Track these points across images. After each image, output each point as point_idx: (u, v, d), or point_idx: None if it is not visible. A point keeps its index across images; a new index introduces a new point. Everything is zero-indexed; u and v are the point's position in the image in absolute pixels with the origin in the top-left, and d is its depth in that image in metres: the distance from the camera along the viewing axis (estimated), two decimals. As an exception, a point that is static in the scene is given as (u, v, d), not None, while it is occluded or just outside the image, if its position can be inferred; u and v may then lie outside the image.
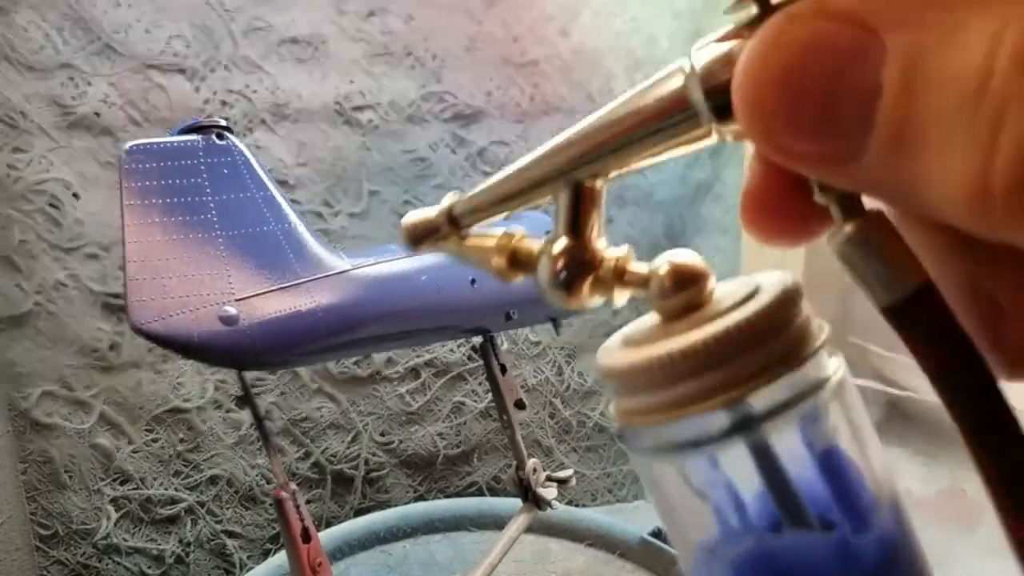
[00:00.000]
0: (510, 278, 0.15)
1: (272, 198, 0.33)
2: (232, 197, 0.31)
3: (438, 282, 0.36)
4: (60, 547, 0.57)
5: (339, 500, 0.65)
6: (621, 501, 0.76)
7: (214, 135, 0.32)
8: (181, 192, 0.31)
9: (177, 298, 0.29)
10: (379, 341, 0.38)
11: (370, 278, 0.34)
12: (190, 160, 0.31)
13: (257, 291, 0.30)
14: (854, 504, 0.12)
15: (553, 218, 0.13)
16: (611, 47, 0.69)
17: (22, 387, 0.54)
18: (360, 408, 0.64)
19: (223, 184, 0.31)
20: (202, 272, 0.30)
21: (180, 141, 0.31)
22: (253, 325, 0.29)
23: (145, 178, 0.31)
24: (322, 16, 0.59)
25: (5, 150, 0.52)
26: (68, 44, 0.52)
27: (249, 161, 0.33)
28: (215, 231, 0.30)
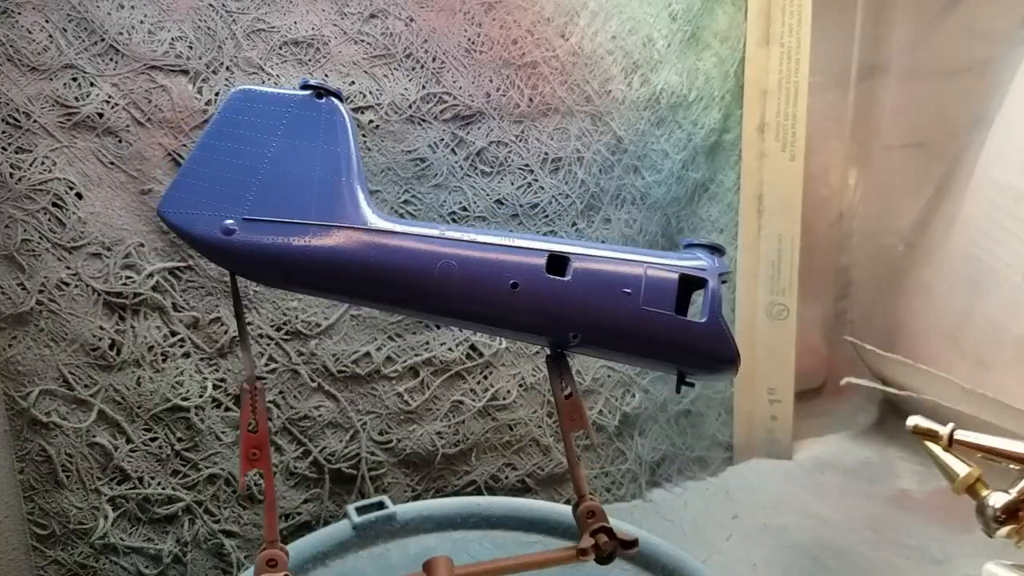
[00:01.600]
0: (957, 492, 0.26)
1: (333, 153, 0.36)
2: (296, 143, 0.36)
3: (461, 274, 0.34)
4: (57, 547, 0.57)
5: (337, 499, 0.65)
6: (620, 500, 0.76)
7: (314, 94, 0.37)
8: (256, 129, 0.36)
9: (199, 200, 0.34)
10: (374, 301, 0.37)
11: (374, 242, 0.34)
12: (280, 107, 0.36)
13: (263, 218, 0.34)
14: None
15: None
16: (609, 49, 0.70)
17: (21, 386, 0.55)
18: (359, 407, 0.65)
19: (295, 131, 0.36)
20: (229, 188, 0.34)
21: (279, 92, 0.37)
22: (244, 243, 0.34)
23: (235, 112, 0.36)
24: (323, 18, 0.59)
25: (9, 150, 0.53)
26: (71, 45, 0.53)
27: (332, 120, 0.37)
28: (262, 163, 0.35)
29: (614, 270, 0.36)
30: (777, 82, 0.81)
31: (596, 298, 0.35)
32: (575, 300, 0.35)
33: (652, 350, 0.37)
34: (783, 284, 0.84)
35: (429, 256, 0.35)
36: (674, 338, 0.36)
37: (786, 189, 0.83)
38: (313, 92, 0.37)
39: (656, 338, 0.36)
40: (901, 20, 0.93)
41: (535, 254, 0.35)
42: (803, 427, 0.91)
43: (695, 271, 0.37)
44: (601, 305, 0.35)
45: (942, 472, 0.47)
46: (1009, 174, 0.78)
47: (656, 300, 0.35)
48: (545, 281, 0.35)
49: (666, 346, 0.36)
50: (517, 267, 0.35)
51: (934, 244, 0.90)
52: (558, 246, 0.36)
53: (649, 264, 0.36)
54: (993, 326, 0.78)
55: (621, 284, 0.36)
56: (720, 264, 0.38)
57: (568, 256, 0.36)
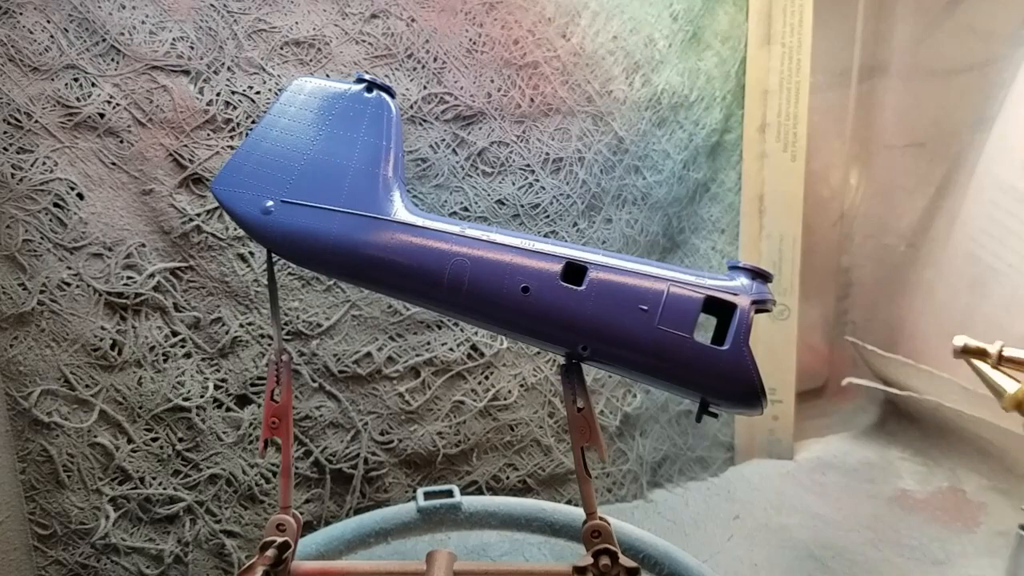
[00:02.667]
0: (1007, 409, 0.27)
1: (372, 145, 0.38)
2: (340, 133, 0.38)
3: (470, 272, 0.34)
4: (58, 547, 0.57)
5: (338, 499, 0.65)
6: (620, 501, 0.76)
7: (365, 89, 0.39)
8: (307, 118, 0.38)
9: (246, 180, 0.37)
10: (392, 291, 0.37)
11: (394, 233, 0.36)
12: (331, 99, 0.38)
13: (299, 201, 0.36)
14: None
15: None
16: (610, 49, 0.70)
17: (23, 386, 0.55)
18: (360, 407, 0.65)
19: (342, 121, 0.38)
20: (274, 172, 0.37)
21: (333, 84, 0.39)
22: (279, 224, 0.36)
23: (291, 100, 0.39)
24: (325, 18, 0.59)
25: (10, 150, 0.53)
26: (73, 46, 0.53)
27: (378, 114, 0.39)
28: (307, 150, 0.38)
29: (633, 284, 0.34)
30: (778, 82, 0.81)
31: (609, 312, 0.34)
32: (587, 311, 0.34)
33: (665, 373, 0.34)
34: (784, 284, 0.84)
35: (444, 252, 0.35)
36: (689, 363, 0.33)
37: (787, 189, 0.83)
38: (365, 86, 0.39)
39: (670, 361, 0.34)
40: (902, 20, 0.93)
41: (552, 260, 0.34)
42: (804, 427, 0.91)
43: (724, 293, 0.34)
44: (614, 319, 0.34)
45: (991, 390, 0.47)
46: (1010, 174, 0.78)
47: (674, 320, 0.33)
48: (558, 288, 0.34)
49: (680, 371, 0.34)
50: (530, 271, 0.34)
51: (935, 244, 0.90)
52: (580, 254, 0.35)
53: (674, 282, 0.34)
54: (994, 326, 0.78)
55: (638, 300, 0.34)
56: (758, 290, 0.34)
57: (586, 265, 0.34)
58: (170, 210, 0.57)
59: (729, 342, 0.33)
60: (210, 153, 0.57)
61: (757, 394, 0.34)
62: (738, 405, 0.35)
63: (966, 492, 0.80)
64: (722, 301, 0.34)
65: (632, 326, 0.34)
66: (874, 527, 0.73)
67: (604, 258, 0.35)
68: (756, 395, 0.34)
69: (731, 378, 0.33)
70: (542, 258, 0.35)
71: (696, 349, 0.33)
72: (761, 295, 0.34)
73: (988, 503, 0.76)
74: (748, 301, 0.34)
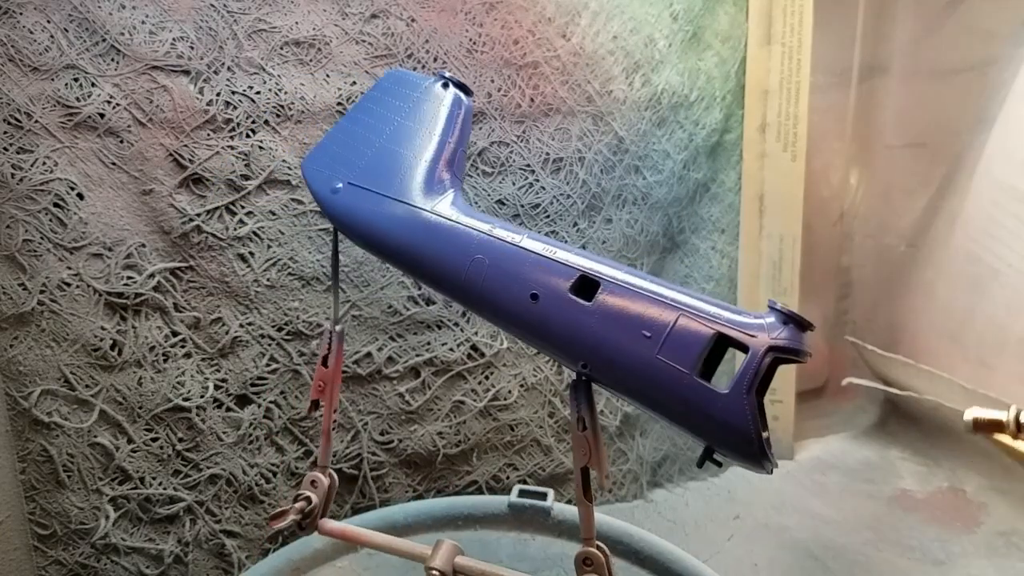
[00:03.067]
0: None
1: (432, 138, 0.40)
2: (409, 124, 0.40)
3: (487, 272, 0.35)
4: (58, 547, 0.57)
5: (338, 499, 0.65)
6: (621, 501, 0.76)
7: (440, 84, 0.40)
8: (388, 107, 0.41)
9: (327, 160, 0.40)
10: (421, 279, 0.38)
11: (427, 224, 0.37)
12: (410, 91, 0.41)
13: (360, 184, 0.39)
14: None
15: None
16: (610, 49, 0.70)
17: (23, 386, 0.55)
18: (360, 407, 0.65)
19: (413, 113, 0.40)
20: (349, 155, 0.40)
21: (416, 77, 0.41)
22: (341, 204, 0.39)
23: (380, 90, 0.42)
24: (325, 19, 0.59)
25: (10, 150, 0.53)
26: (73, 46, 0.53)
27: (447, 110, 0.40)
28: (380, 137, 0.40)
29: (641, 307, 0.31)
30: (778, 82, 0.81)
31: (611, 333, 0.32)
32: (589, 329, 0.32)
33: (661, 407, 0.31)
34: (784, 284, 0.84)
35: (468, 248, 0.35)
36: (686, 401, 0.30)
37: (787, 189, 0.83)
38: (441, 82, 0.40)
39: (665, 395, 0.31)
40: (903, 20, 0.93)
41: (567, 271, 0.33)
42: (804, 427, 0.91)
43: (739, 330, 0.29)
44: (614, 342, 0.31)
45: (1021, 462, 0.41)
46: (1011, 174, 0.78)
47: (676, 353, 0.30)
48: (565, 301, 0.32)
49: (676, 407, 0.31)
50: (541, 280, 0.33)
51: (935, 244, 0.90)
52: (599, 268, 0.33)
53: (688, 311, 0.30)
54: (995, 326, 0.78)
55: (642, 325, 0.31)
56: (787, 336, 0.29)
57: (599, 281, 0.32)
58: (170, 210, 0.57)
59: (731, 386, 0.29)
60: (210, 153, 0.57)
61: (754, 450, 0.29)
62: (736, 457, 0.31)
63: (966, 492, 0.80)
64: (734, 340, 0.30)
65: (631, 351, 0.31)
66: (874, 527, 0.73)
67: (623, 275, 0.32)
68: (752, 450, 0.29)
69: (726, 427, 0.29)
70: (557, 268, 0.33)
71: (693, 387, 0.30)
72: (788, 342, 0.30)
73: (988, 503, 0.76)
74: (765, 345, 0.29)
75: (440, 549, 0.38)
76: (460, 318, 0.67)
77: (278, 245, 0.60)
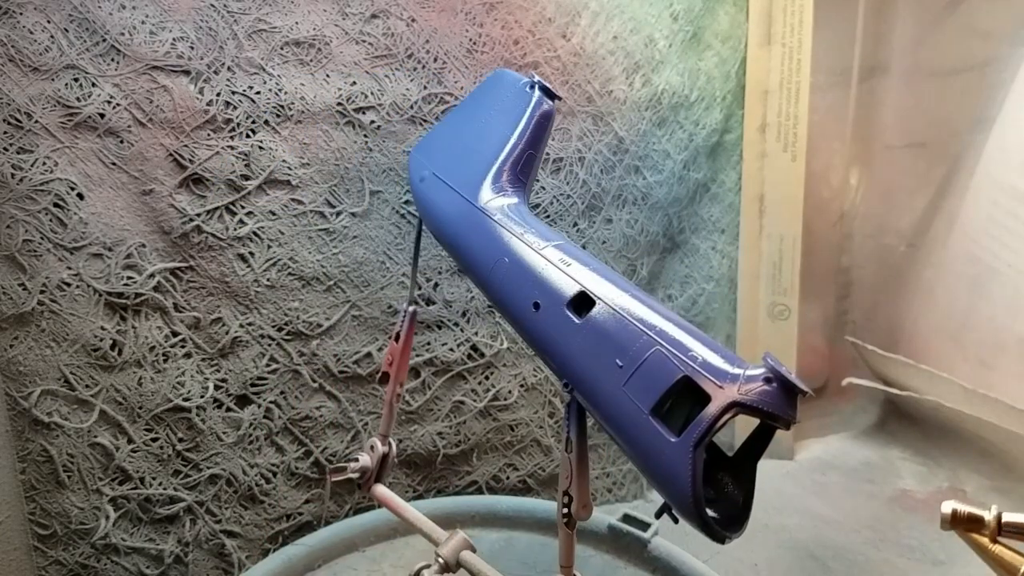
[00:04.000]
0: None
1: (506, 138, 0.41)
2: (493, 121, 0.41)
3: (505, 274, 0.35)
4: (58, 547, 0.57)
5: (338, 499, 0.65)
6: (621, 501, 0.76)
7: (528, 86, 0.41)
8: (484, 104, 0.43)
9: (425, 150, 0.44)
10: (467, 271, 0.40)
11: (473, 219, 0.38)
12: (505, 90, 0.42)
13: (439, 176, 0.41)
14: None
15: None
16: (610, 50, 0.70)
17: (23, 386, 0.55)
18: (360, 407, 0.65)
19: (500, 111, 0.42)
20: (441, 147, 0.42)
21: (513, 77, 0.42)
22: (423, 195, 0.41)
23: (484, 87, 0.43)
24: (325, 19, 0.59)
25: (10, 150, 0.53)
26: (73, 46, 0.53)
27: (528, 112, 0.41)
28: (468, 133, 0.42)
29: (622, 335, 0.29)
30: (778, 82, 0.81)
31: (589, 355, 0.30)
32: (573, 347, 0.31)
33: (619, 441, 0.29)
34: (784, 284, 0.84)
35: (496, 249, 0.36)
36: (635, 441, 0.28)
37: (787, 189, 0.83)
38: (529, 84, 0.41)
39: (621, 430, 0.28)
40: (902, 20, 0.93)
41: (569, 285, 0.31)
42: (804, 427, 0.91)
43: (708, 378, 0.26)
44: (589, 365, 0.30)
45: (998, 569, 0.35)
46: (1010, 174, 0.78)
47: (640, 388, 0.27)
48: (560, 315, 0.31)
49: (628, 445, 0.28)
50: (546, 290, 0.32)
51: (935, 244, 0.90)
52: (604, 287, 0.31)
53: (665, 346, 0.27)
54: (995, 326, 0.78)
55: (619, 353, 0.29)
56: (760, 396, 0.25)
57: (594, 300, 0.30)
58: (170, 210, 0.57)
59: (682, 434, 0.26)
60: (210, 153, 0.57)
61: (688, 507, 0.26)
62: (677, 512, 0.28)
63: (966, 492, 0.80)
64: (699, 387, 0.26)
65: (601, 378, 0.29)
66: (874, 527, 0.73)
67: (621, 297, 0.30)
68: (687, 508, 0.26)
69: (665, 476, 0.26)
70: (562, 281, 0.32)
71: (646, 428, 0.27)
72: (758, 402, 0.25)
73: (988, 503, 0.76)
74: (728, 400, 0.25)
75: (451, 540, 0.38)
76: (460, 318, 0.67)
77: (278, 245, 0.60)
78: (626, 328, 0.29)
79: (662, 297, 0.78)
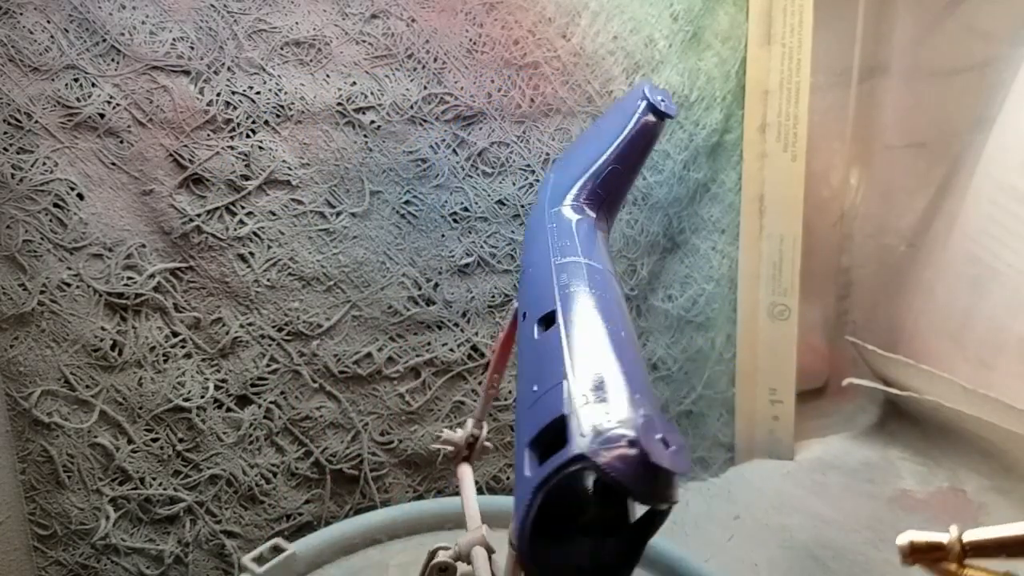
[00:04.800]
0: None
1: (600, 152, 0.41)
2: (602, 134, 0.42)
3: (524, 282, 0.36)
4: (58, 547, 0.57)
5: (339, 500, 0.65)
6: (622, 502, 0.76)
7: (652, 111, 0.40)
8: (613, 112, 0.43)
9: (562, 158, 0.45)
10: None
11: (534, 226, 0.40)
12: (631, 101, 0.41)
13: (552, 183, 0.42)
14: None
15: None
16: (610, 50, 0.70)
17: (23, 386, 0.54)
18: (360, 407, 0.65)
19: (611, 125, 0.42)
20: (566, 155, 0.44)
21: (641, 89, 0.41)
22: (540, 197, 0.42)
23: (623, 97, 0.43)
24: (325, 19, 0.59)
25: (10, 151, 0.53)
26: (73, 46, 0.53)
27: (631, 128, 0.41)
28: (587, 142, 0.43)
29: (552, 360, 0.27)
30: (778, 82, 0.81)
31: (525, 374, 0.29)
32: (522, 361, 0.30)
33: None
34: (784, 284, 0.84)
35: (532, 256, 0.37)
36: (517, 466, 0.26)
37: (787, 189, 0.83)
38: (641, 95, 0.40)
39: (516, 452, 0.27)
40: (902, 20, 0.93)
41: (548, 302, 0.30)
42: (804, 427, 0.91)
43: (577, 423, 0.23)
44: (521, 382, 0.29)
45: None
46: (1010, 174, 0.78)
47: (533, 417, 0.26)
48: (528, 326, 0.31)
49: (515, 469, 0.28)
50: (534, 302, 0.32)
51: (935, 244, 0.90)
52: (578, 312, 0.29)
53: (574, 381, 0.25)
54: (995, 326, 0.78)
55: (540, 377, 0.27)
56: (607, 458, 0.21)
57: (554, 321, 0.29)
58: (170, 210, 0.57)
59: (534, 473, 0.24)
60: (210, 153, 0.57)
61: (520, 546, 0.24)
62: (514, 546, 0.26)
63: (966, 492, 0.80)
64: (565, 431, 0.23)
65: (521, 399, 0.28)
66: (874, 527, 0.73)
67: (583, 326, 0.28)
68: (522, 547, 0.24)
69: (517, 509, 0.25)
70: (547, 295, 0.31)
71: (521, 457, 0.25)
72: (608, 465, 0.21)
73: (988, 503, 0.76)
74: (578, 450, 0.22)
75: (473, 533, 0.37)
76: (460, 319, 0.67)
77: (278, 245, 0.60)
78: (557, 355, 0.27)
79: (662, 297, 0.78)
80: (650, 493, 0.22)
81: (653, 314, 0.77)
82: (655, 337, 0.78)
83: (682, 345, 0.79)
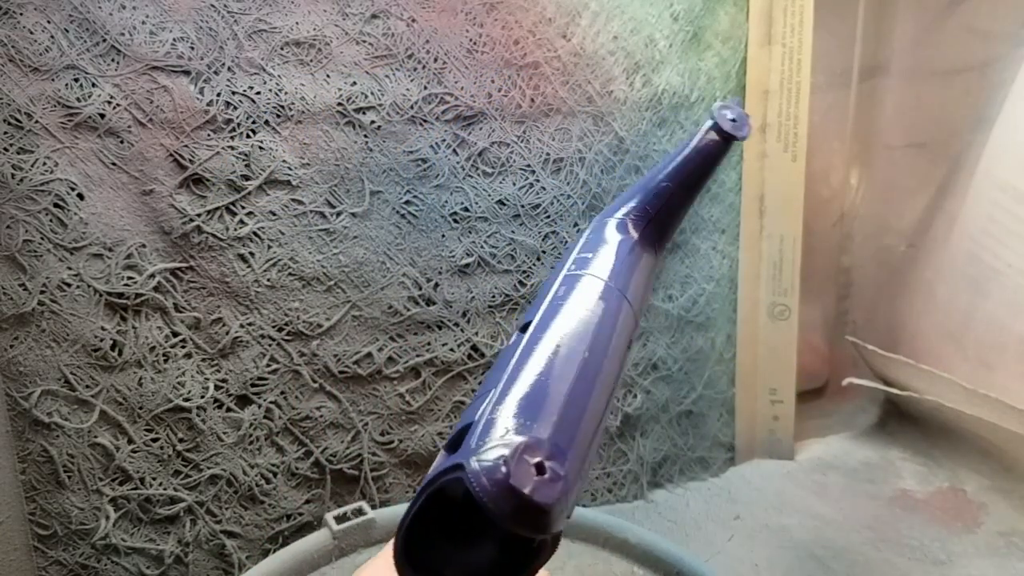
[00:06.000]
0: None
1: (656, 172, 0.40)
2: (670, 155, 0.41)
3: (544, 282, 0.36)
4: (59, 547, 0.57)
5: (339, 500, 0.65)
6: (621, 501, 0.76)
7: (717, 131, 0.38)
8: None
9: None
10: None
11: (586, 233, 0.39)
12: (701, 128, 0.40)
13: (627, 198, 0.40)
14: None
15: None
16: (611, 50, 0.70)
17: (23, 386, 0.55)
18: (360, 407, 0.65)
19: (678, 147, 0.40)
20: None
21: (717, 108, 0.39)
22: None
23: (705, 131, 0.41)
24: (325, 19, 0.59)
25: (10, 151, 0.53)
26: (73, 46, 0.53)
27: (688, 149, 0.39)
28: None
29: (500, 368, 0.26)
30: (779, 82, 0.81)
31: (488, 379, 0.28)
32: (498, 367, 0.28)
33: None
34: (784, 284, 0.84)
35: (561, 261, 0.36)
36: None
37: (788, 189, 0.83)
38: (710, 115, 0.39)
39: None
40: (903, 20, 0.93)
41: (535, 309, 0.30)
42: (805, 427, 0.91)
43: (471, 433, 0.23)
44: (483, 389, 0.27)
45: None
46: (1011, 174, 0.78)
47: (461, 421, 0.25)
48: (517, 335, 0.30)
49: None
50: (533, 311, 0.31)
51: (936, 244, 0.90)
52: (556, 327, 0.28)
53: (499, 392, 0.25)
54: (995, 326, 0.78)
55: (487, 384, 0.26)
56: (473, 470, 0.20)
57: (529, 328, 0.29)
58: (170, 210, 0.57)
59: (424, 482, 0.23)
60: (210, 153, 0.57)
61: (397, 540, 0.23)
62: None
63: (967, 492, 0.80)
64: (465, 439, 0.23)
65: (473, 404, 0.27)
66: (875, 527, 0.73)
67: (547, 340, 0.27)
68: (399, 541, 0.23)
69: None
70: (538, 304, 0.31)
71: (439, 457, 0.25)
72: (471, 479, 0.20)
73: (989, 503, 0.76)
74: (455, 460, 0.21)
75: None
76: (460, 318, 0.67)
77: (278, 245, 0.60)
78: (506, 363, 0.27)
79: (662, 297, 0.78)
80: (508, 517, 0.20)
81: (653, 314, 0.77)
82: (655, 337, 0.78)
83: (682, 345, 0.79)
